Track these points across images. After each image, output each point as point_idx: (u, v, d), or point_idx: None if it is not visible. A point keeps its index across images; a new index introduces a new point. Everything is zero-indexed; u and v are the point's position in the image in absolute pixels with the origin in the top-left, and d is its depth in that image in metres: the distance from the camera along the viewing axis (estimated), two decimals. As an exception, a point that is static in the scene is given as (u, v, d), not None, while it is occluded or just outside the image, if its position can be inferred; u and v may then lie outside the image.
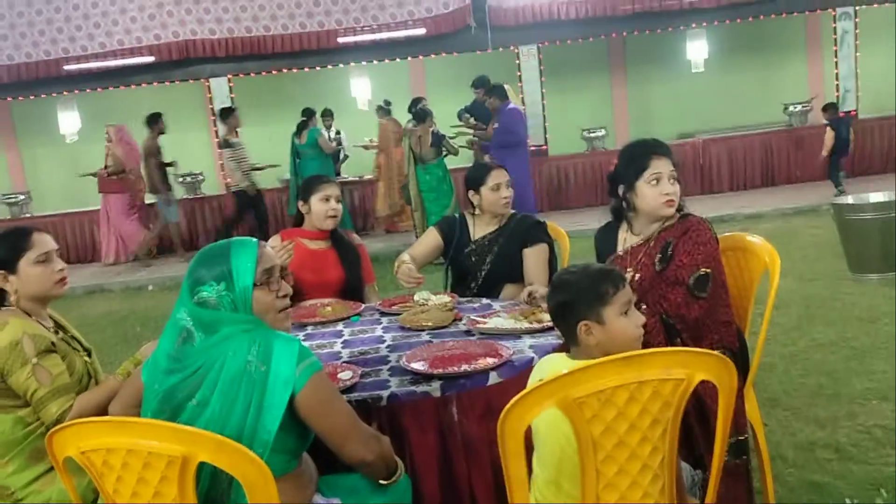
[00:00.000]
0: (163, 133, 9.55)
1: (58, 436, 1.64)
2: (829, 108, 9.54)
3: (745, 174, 10.75)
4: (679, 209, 2.65)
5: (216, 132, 11.16)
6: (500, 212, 3.49)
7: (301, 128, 9.65)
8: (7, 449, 2.29)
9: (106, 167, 10.06)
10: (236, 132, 9.37)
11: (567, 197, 10.81)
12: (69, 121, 11.41)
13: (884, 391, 3.67)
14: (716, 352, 1.70)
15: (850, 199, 5.99)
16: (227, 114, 9.43)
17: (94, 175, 10.21)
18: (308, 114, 9.71)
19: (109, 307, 7.92)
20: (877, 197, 5.78)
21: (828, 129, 9.31)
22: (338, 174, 10.42)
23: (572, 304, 1.93)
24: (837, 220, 5.92)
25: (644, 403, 1.66)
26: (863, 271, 5.71)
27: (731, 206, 9.30)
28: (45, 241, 2.42)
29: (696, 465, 2.30)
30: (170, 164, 9.75)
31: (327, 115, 10.45)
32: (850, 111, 10.76)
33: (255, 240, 1.96)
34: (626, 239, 2.75)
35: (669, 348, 1.73)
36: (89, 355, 2.53)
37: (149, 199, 10.29)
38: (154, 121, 9.49)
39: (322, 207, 3.51)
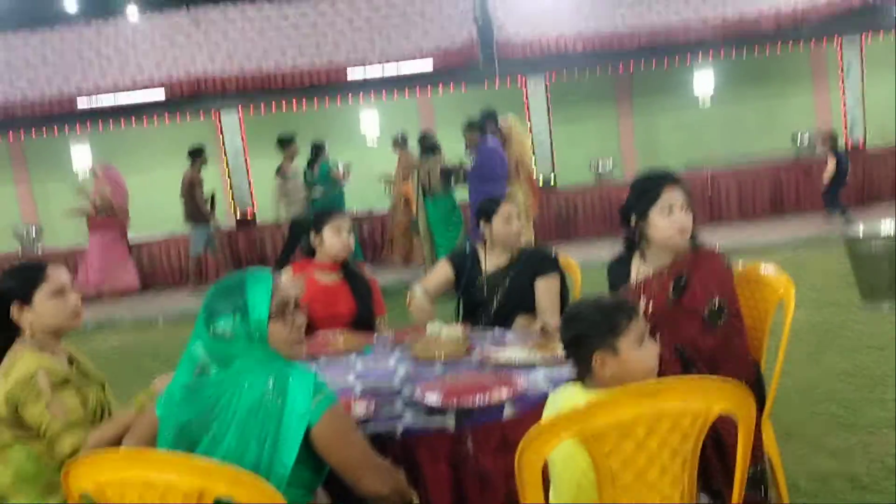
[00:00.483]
0: (205, 165, 9.83)
1: (74, 469, 1.64)
2: (829, 138, 9.62)
3: (754, 204, 10.74)
4: (692, 239, 2.65)
5: (227, 161, 11.25)
6: (512, 244, 3.50)
7: (312, 161, 9.71)
8: (20, 482, 2.28)
9: (94, 206, 10.09)
10: (292, 161, 9.52)
11: (575, 228, 10.81)
12: (81, 156, 11.51)
13: (897, 421, 3.64)
14: (734, 381, 1.69)
15: (860, 229, 5.98)
16: (286, 143, 9.57)
17: (83, 213, 10.23)
18: (318, 147, 9.79)
19: (119, 341, 7.93)
20: (887, 226, 5.77)
21: (829, 157, 9.38)
22: None
23: (586, 337, 1.93)
24: (848, 249, 5.91)
25: (663, 435, 1.65)
26: (874, 300, 5.69)
27: (740, 236, 9.29)
28: (59, 275, 2.43)
29: (715, 498, 2.28)
30: (212, 200, 9.93)
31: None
32: (857, 141, 10.80)
33: (269, 272, 1.97)
34: (639, 270, 2.74)
35: (687, 377, 1.72)
36: (102, 389, 2.53)
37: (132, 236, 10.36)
38: (197, 154, 9.78)
39: (335, 240, 3.53)
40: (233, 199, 11.31)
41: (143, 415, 2.12)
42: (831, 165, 9.31)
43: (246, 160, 11.04)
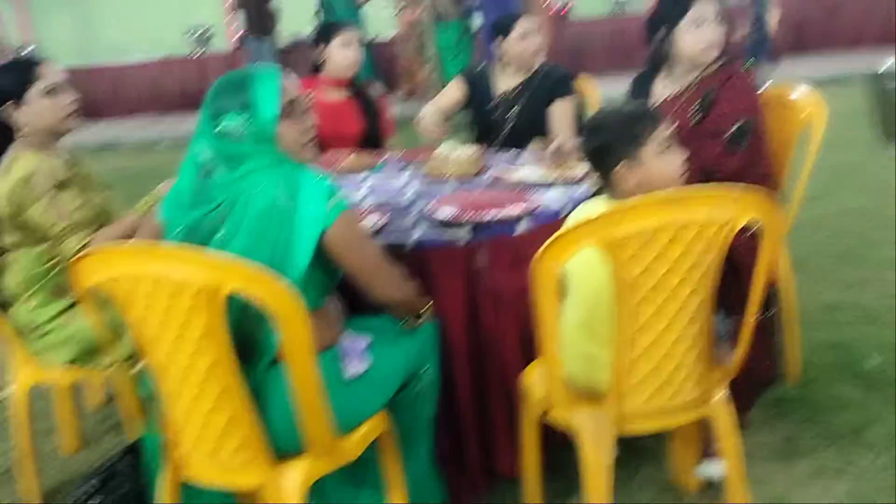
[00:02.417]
0: None
1: (83, 263, 1.59)
2: None
3: (775, 40, 10.30)
4: (721, 55, 2.51)
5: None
6: (528, 63, 3.32)
7: None
8: (30, 284, 2.28)
9: None
10: None
11: (589, 61, 10.41)
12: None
13: (913, 258, 3.61)
14: (762, 190, 1.62)
15: (887, 66, 5.72)
16: None
17: None
18: None
19: (120, 163, 7.88)
20: (914, 63, 5.55)
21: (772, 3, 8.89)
22: None
23: (608, 147, 1.85)
24: (873, 87, 5.69)
25: (687, 244, 1.60)
26: (893, 140, 5.54)
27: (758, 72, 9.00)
28: (53, 72, 2.32)
29: (727, 315, 2.27)
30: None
31: None
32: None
33: (275, 69, 1.85)
34: (662, 88, 2.62)
35: (714, 185, 1.65)
36: (106, 193, 2.48)
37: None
38: None
39: (343, 53, 3.35)
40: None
41: (149, 218, 2.05)
42: (776, 14, 8.81)
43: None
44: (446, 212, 2.24)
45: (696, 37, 2.45)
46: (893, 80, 5.49)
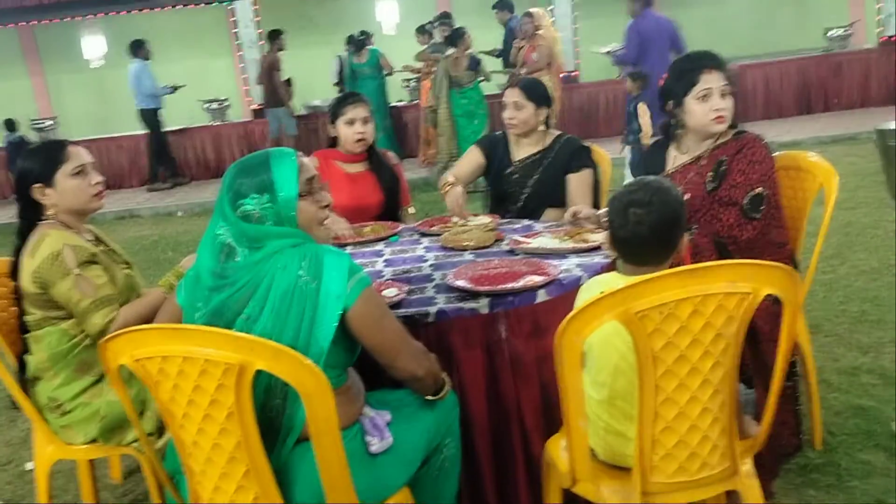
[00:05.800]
0: (282, 49, 9.66)
1: (112, 343, 1.62)
2: (640, 78, 6.89)
3: (781, 101, 10.43)
4: (733, 126, 2.56)
5: (240, 57, 11.00)
6: (520, 132, 3.33)
7: (360, 46, 9.49)
8: (54, 361, 2.30)
9: None
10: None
11: (597, 125, 10.58)
12: (94, 45, 11.31)
13: (929, 318, 3.60)
14: (782, 264, 1.64)
15: (894, 125, 5.78)
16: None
17: None
18: (366, 34, 9.58)
19: (139, 232, 7.96)
20: (923, 122, 5.61)
21: (644, 106, 6.75)
22: None
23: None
24: (881, 146, 5.74)
25: (708, 317, 1.61)
26: (905, 199, 5.57)
27: (766, 134, 9.00)
28: (80, 154, 2.39)
29: (746, 386, 2.27)
30: (287, 81, 9.85)
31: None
32: (891, 36, 10.39)
33: (292, 150, 1.90)
34: (675, 157, 2.67)
35: (735, 261, 1.67)
36: (129, 268, 2.52)
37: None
38: (275, 36, 9.63)
39: (348, 132, 3.39)
40: (247, 91, 11.11)
41: (170, 299, 2.08)
42: (646, 117, 6.73)
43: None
44: (465, 283, 2.27)
45: (703, 109, 2.50)
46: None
